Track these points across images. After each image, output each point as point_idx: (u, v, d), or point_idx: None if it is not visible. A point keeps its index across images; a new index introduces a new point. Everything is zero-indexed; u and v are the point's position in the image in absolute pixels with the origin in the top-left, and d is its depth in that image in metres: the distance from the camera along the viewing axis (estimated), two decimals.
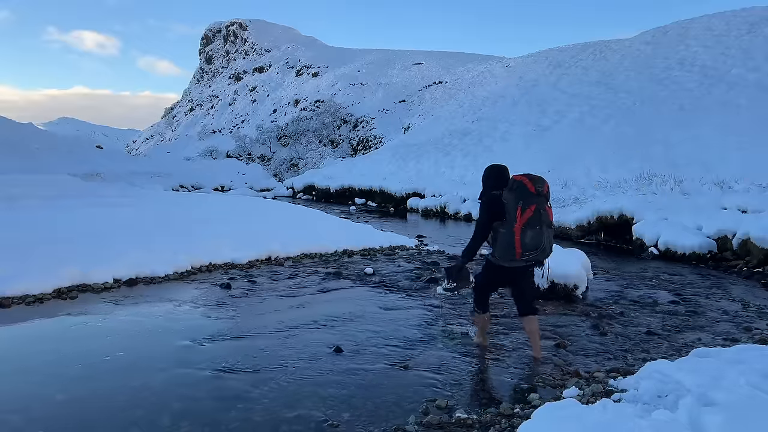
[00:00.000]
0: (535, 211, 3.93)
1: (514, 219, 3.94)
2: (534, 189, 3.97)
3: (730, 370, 3.11)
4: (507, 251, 4.05)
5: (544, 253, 4.08)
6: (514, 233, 3.95)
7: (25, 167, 25.55)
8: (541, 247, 4.01)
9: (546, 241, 4.01)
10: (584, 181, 15.89)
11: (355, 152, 46.13)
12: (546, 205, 4.02)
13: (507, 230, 4.00)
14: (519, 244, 3.96)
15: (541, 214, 3.96)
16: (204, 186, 34.44)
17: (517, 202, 3.95)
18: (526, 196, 3.95)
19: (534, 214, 3.93)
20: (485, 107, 30.98)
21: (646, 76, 24.20)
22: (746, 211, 10.31)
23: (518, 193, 3.97)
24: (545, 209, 4.00)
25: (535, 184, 3.99)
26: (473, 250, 4.24)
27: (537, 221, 3.94)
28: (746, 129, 15.94)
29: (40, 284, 5.97)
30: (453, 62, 57.66)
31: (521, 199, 3.94)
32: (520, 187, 3.98)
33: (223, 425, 3.19)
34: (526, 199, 3.94)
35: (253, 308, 5.82)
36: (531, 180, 4.01)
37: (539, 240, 3.97)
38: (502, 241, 4.06)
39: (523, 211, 3.92)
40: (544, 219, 3.98)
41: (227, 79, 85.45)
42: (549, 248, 4.08)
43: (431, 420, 3.24)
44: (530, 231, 3.93)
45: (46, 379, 3.81)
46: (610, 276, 8.07)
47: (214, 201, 14.60)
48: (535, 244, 3.98)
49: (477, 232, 4.18)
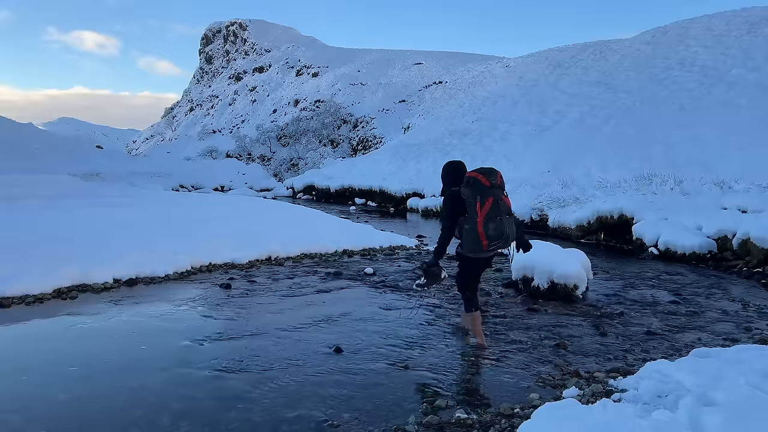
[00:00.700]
0: (493, 202, 4.13)
1: (475, 214, 4.14)
2: (488, 182, 4.16)
3: (730, 370, 3.11)
4: (474, 245, 4.24)
5: (508, 241, 4.28)
6: (477, 226, 4.14)
7: (25, 167, 25.55)
8: (505, 236, 4.20)
9: (508, 229, 4.21)
10: (584, 181, 15.89)
11: (355, 152, 46.13)
12: (502, 195, 4.22)
13: (471, 226, 4.19)
14: (484, 236, 4.15)
15: (499, 204, 4.15)
16: (204, 186, 34.45)
17: (475, 196, 4.14)
18: (482, 190, 4.14)
19: (492, 206, 4.13)
20: (485, 107, 30.98)
21: (646, 76, 24.19)
22: (746, 211, 10.31)
23: (474, 189, 4.17)
24: (502, 199, 4.20)
25: (489, 178, 4.18)
26: (443, 247, 4.44)
27: (496, 212, 4.14)
28: (746, 129, 15.94)
29: (40, 284, 5.97)
30: (453, 62, 57.66)
31: (478, 193, 4.14)
32: (476, 183, 4.18)
33: (223, 425, 3.19)
34: (483, 193, 4.13)
35: (253, 308, 5.82)
36: (484, 174, 4.21)
37: (502, 230, 4.17)
38: (467, 236, 4.25)
39: (482, 204, 4.12)
40: (503, 209, 4.18)
41: (227, 79, 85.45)
42: (512, 235, 4.28)
43: (431, 420, 3.24)
44: (492, 223, 4.12)
45: (46, 379, 3.81)
46: (610, 276, 8.07)
47: (214, 201, 14.60)
48: (498, 234, 4.16)
49: (444, 230, 4.41)
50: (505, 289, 6.90)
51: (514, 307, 6.03)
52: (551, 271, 6.39)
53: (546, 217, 14.11)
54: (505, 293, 6.72)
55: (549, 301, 6.25)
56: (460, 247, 4.44)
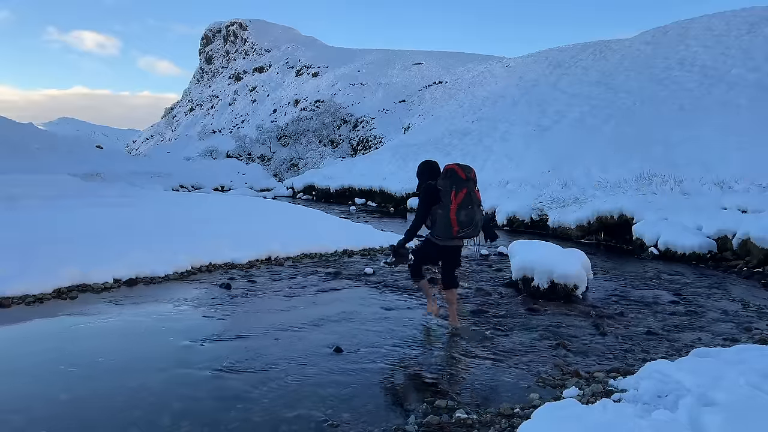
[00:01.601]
0: (467, 193, 4.62)
1: (449, 201, 4.63)
2: (464, 175, 4.67)
3: (730, 370, 3.11)
4: (446, 229, 4.71)
5: (476, 229, 4.73)
6: (450, 212, 4.62)
7: (25, 167, 25.54)
8: (474, 223, 4.66)
9: (477, 218, 4.69)
10: (584, 181, 15.88)
11: (355, 152, 46.13)
12: (474, 188, 4.72)
13: (444, 212, 4.68)
14: (455, 222, 4.63)
15: (471, 196, 4.65)
16: (204, 186, 34.41)
17: (451, 186, 4.63)
18: (458, 182, 4.64)
19: (466, 196, 4.62)
20: (485, 107, 30.98)
21: (646, 76, 24.19)
22: (746, 211, 10.31)
23: (452, 180, 4.66)
24: (474, 192, 4.70)
25: (465, 171, 4.69)
26: (413, 231, 4.92)
27: (469, 202, 4.63)
28: (746, 129, 15.94)
29: (40, 284, 5.96)
30: (453, 62, 57.66)
31: (454, 184, 4.63)
32: (453, 174, 4.68)
33: (223, 425, 3.19)
34: (458, 184, 4.63)
35: (253, 308, 5.82)
36: (461, 168, 4.72)
37: (472, 217, 4.63)
38: (441, 221, 4.73)
39: (456, 194, 4.61)
40: (474, 200, 4.68)
41: (227, 79, 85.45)
42: (480, 224, 4.75)
43: (431, 420, 3.24)
44: (464, 210, 4.61)
45: (46, 379, 3.81)
46: (610, 276, 8.07)
47: (214, 201, 14.60)
48: (468, 221, 4.63)
49: (417, 216, 4.89)
50: (505, 289, 6.90)
51: (514, 307, 6.03)
52: (551, 271, 6.40)
53: (546, 217, 14.11)
54: (505, 293, 6.72)
55: (549, 301, 6.25)
56: (431, 234, 4.92)
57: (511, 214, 14.89)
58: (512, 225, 14.78)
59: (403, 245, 5.05)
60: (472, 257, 9.52)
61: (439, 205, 4.74)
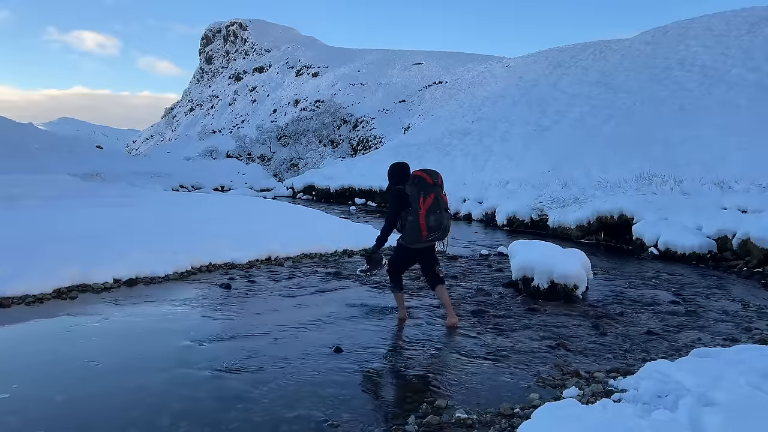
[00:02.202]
0: (434, 198, 4.78)
1: (418, 207, 4.77)
2: (431, 181, 4.83)
3: (730, 370, 3.10)
4: (416, 234, 4.86)
5: (445, 233, 4.90)
6: (420, 218, 4.77)
7: (25, 167, 25.54)
8: (443, 227, 4.83)
9: (445, 222, 4.85)
10: (584, 181, 15.88)
11: (355, 152, 46.13)
12: (441, 193, 4.87)
13: (414, 218, 4.82)
14: (425, 227, 4.78)
15: (439, 200, 4.80)
16: (204, 186, 34.41)
17: (419, 192, 4.78)
18: (426, 187, 4.79)
19: (433, 201, 4.77)
20: (485, 107, 30.98)
21: (646, 76, 24.19)
22: (746, 211, 10.31)
23: (419, 186, 4.81)
24: (441, 196, 4.85)
25: (432, 177, 4.85)
26: (385, 237, 5.07)
27: (437, 206, 4.78)
28: (746, 129, 15.94)
29: (40, 284, 5.96)
30: (453, 62, 57.67)
31: (422, 190, 4.78)
32: (421, 181, 4.83)
33: (223, 425, 3.19)
34: (426, 190, 4.78)
35: (253, 308, 5.82)
36: (428, 174, 4.87)
37: (440, 221, 4.80)
38: (410, 226, 4.87)
39: (424, 199, 4.76)
40: (442, 204, 4.84)
41: (227, 79, 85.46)
42: (448, 227, 4.91)
43: (431, 420, 3.24)
44: (432, 215, 4.76)
45: (45, 380, 3.81)
46: (610, 276, 8.07)
47: (214, 201, 14.60)
48: (437, 225, 4.79)
49: (387, 221, 5.02)
50: (505, 289, 6.90)
51: (514, 307, 6.03)
52: (551, 271, 6.39)
53: (546, 217, 14.11)
54: (505, 293, 6.72)
55: (549, 301, 6.25)
56: (401, 238, 5.08)
57: (511, 214, 14.89)
58: (512, 225, 14.78)
59: (377, 251, 5.18)
60: (473, 258, 9.52)
61: (408, 211, 4.88)
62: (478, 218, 16.76)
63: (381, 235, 5.07)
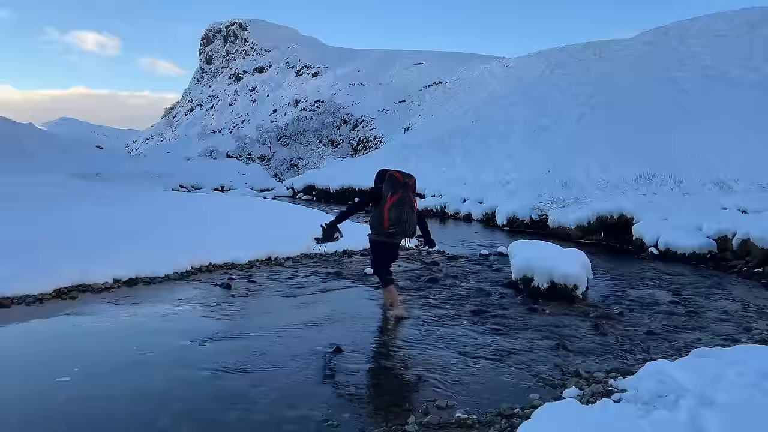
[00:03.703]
0: (401, 196, 5.23)
1: (385, 201, 5.24)
2: (403, 181, 5.31)
3: (730, 370, 3.11)
4: (379, 225, 5.30)
5: (405, 227, 5.28)
6: (383, 210, 5.23)
7: (25, 167, 25.53)
8: (402, 221, 5.21)
9: (406, 218, 5.23)
10: (584, 181, 15.88)
11: (355, 152, 46.13)
12: (410, 193, 5.32)
13: (379, 209, 5.30)
14: (386, 218, 5.21)
15: (405, 198, 5.25)
16: (204, 186, 34.36)
17: (389, 189, 5.26)
18: (396, 185, 5.28)
19: (399, 198, 5.22)
20: (485, 107, 30.97)
21: (646, 76, 24.18)
22: (746, 211, 10.31)
23: (391, 183, 5.30)
24: (409, 196, 5.29)
25: (405, 178, 5.34)
26: (345, 214, 5.63)
27: (401, 203, 5.22)
28: (746, 129, 15.93)
29: (40, 284, 5.95)
30: (453, 62, 57.61)
31: (392, 187, 5.27)
32: (394, 179, 5.32)
33: (223, 425, 3.19)
34: (395, 187, 5.26)
35: (253, 308, 5.82)
36: (401, 174, 5.36)
37: (401, 216, 5.19)
38: (375, 217, 5.35)
39: (392, 195, 5.22)
40: (407, 202, 5.26)
41: (227, 79, 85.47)
42: (410, 224, 5.31)
43: (431, 420, 3.24)
44: (395, 209, 5.19)
45: (45, 380, 3.80)
46: (610, 276, 8.07)
47: (214, 201, 14.60)
48: (396, 219, 5.19)
49: (353, 203, 5.76)
50: (505, 289, 6.90)
51: (514, 307, 6.03)
52: (551, 271, 6.40)
53: (546, 217, 14.11)
54: (505, 293, 6.72)
55: (549, 301, 6.25)
56: (369, 233, 5.50)
57: (511, 214, 14.90)
58: (512, 225, 14.79)
59: (333, 225, 5.61)
60: (473, 258, 9.53)
61: (377, 204, 5.37)
62: (478, 218, 16.76)
63: (343, 211, 5.66)
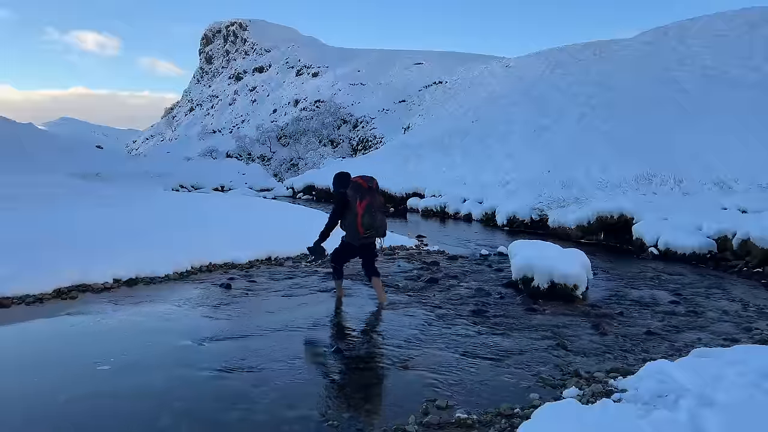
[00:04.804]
0: (369, 201, 5.47)
1: (355, 208, 5.49)
2: (366, 185, 5.53)
3: (730, 370, 3.11)
4: (354, 232, 5.61)
5: (378, 230, 5.58)
6: (356, 218, 5.48)
7: (25, 167, 25.53)
8: (376, 225, 5.50)
9: (379, 221, 5.53)
10: (584, 181, 15.88)
11: (355, 152, 46.12)
12: (376, 195, 5.58)
13: (352, 218, 5.56)
14: (360, 225, 5.48)
15: (373, 203, 5.49)
16: (204, 186, 34.37)
17: (356, 196, 5.50)
18: (362, 192, 5.51)
19: (368, 203, 5.46)
20: (485, 107, 30.97)
21: (646, 76, 24.18)
22: (746, 211, 10.31)
23: (356, 190, 5.53)
24: (376, 198, 5.55)
25: (367, 182, 5.56)
26: (326, 232, 5.79)
27: (371, 208, 5.46)
28: (746, 129, 15.93)
29: (40, 284, 5.96)
30: (453, 62, 57.58)
31: (358, 194, 5.50)
32: (357, 186, 5.55)
33: (223, 425, 3.19)
34: (362, 194, 5.50)
35: (253, 308, 5.82)
36: (364, 179, 5.58)
37: (374, 221, 5.47)
38: (349, 226, 5.65)
39: (360, 201, 5.46)
40: (376, 205, 5.53)
41: (227, 79, 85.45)
42: (382, 226, 5.59)
43: (431, 420, 3.24)
44: (367, 215, 5.44)
45: (45, 380, 3.81)
46: (610, 276, 8.07)
47: (214, 201, 14.60)
48: (370, 224, 5.47)
49: (329, 219, 5.78)
50: (505, 289, 6.90)
51: (514, 307, 6.03)
52: (551, 271, 6.40)
53: (546, 217, 14.11)
54: (505, 293, 6.72)
55: (549, 301, 6.25)
56: (344, 236, 5.83)
57: (511, 214, 14.90)
58: (512, 225, 14.78)
59: (320, 244, 5.84)
60: (473, 258, 9.53)
61: (348, 212, 5.61)
62: (478, 218, 16.76)
63: (324, 230, 5.78)
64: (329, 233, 5.79)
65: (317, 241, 5.83)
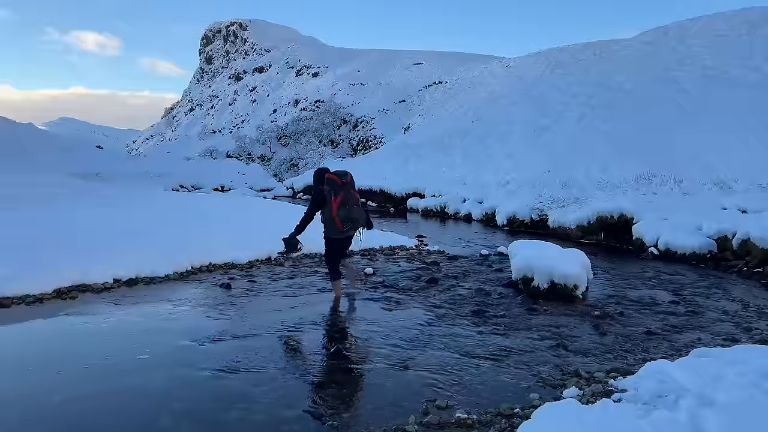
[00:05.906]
0: (344, 196, 5.61)
1: (331, 204, 5.64)
2: (340, 182, 5.67)
3: (730, 370, 3.11)
4: (333, 227, 5.76)
5: (356, 224, 5.77)
6: (333, 214, 5.63)
7: (24, 167, 25.52)
8: (353, 218, 5.67)
9: (355, 215, 5.68)
10: (584, 181, 15.87)
11: (355, 152, 46.11)
12: (350, 189, 5.70)
13: (328, 214, 5.70)
14: (338, 221, 5.64)
15: (348, 198, 5.63)
16: (204, 186, 34.37)
17: (332, 192, 5.66)
18: (336, 188, 5.66)
19: (343, 198, 5.60)
20: (485, 107, 30.97)
21: (646, 76, 24.18)
22: (746, 211, 10.31)
23: (331, 186, 5.69)
24: (350, 193, 5.68)
25: (341, 178, 5.69)
26: (302, 225, 5.96)
27: (346, 203, 5.61)
28: (746, 129, 15.93)
29: (40, 284, 5.96)
30: (453, 62, 57.58)
31: (333, 189, 5.66)
32: (332, 182, 5.70)
33: (223, 425, 3.19)
34: (336, 190, 5.65)
35: (253, 308, 5.82)
36: (337, 175, 5.71)
37: (350, 215, 5.63)
38: (327, 220, 5.79)
39: (335, 197, 5.61)
40: (351, 200, 5.66)
41: (227, 79, 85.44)
42: (359, 219, 5.76)
43: (431, 420, 3.24)
44: (343, 210, 5.60)
45: (45, 380, 3.81)
46: (610, 276, 8.07)
47: (214, 201, 14.60)
48: (347, 218, 5.63)
49: (306, 214, 5.95)
50: (505, 289, 6.90)
51: (514, 307, 6.03)
52: (551, 271, 6.40)
53: (546, 217, 14.11)
54: (505, 293, 6.72)
55: (549, 301, 6.25)
56: (324, 231, 5.93)
57: (511, 214, 14.89)
58: (512, 225, 14.78)
59: (294, 237, 6.00)
60: (473, 258, 9.53)
61: (325, 208, 5.75)
62: (478, 218, 16.76)
63: (299, 224, 5.95)
64: (304, 227, 5.97)
65: (292, 234, 6.00)
